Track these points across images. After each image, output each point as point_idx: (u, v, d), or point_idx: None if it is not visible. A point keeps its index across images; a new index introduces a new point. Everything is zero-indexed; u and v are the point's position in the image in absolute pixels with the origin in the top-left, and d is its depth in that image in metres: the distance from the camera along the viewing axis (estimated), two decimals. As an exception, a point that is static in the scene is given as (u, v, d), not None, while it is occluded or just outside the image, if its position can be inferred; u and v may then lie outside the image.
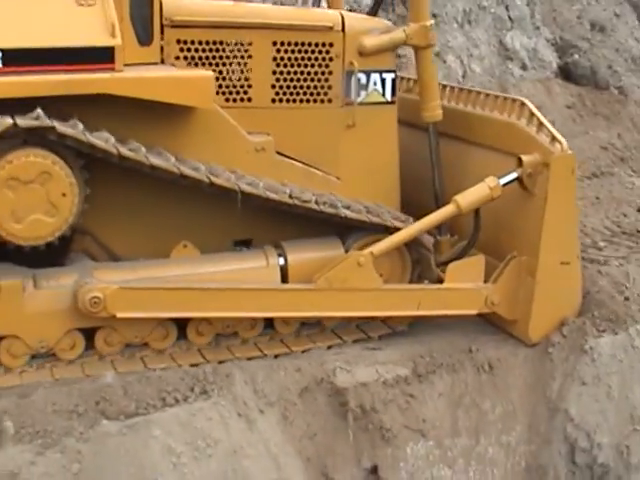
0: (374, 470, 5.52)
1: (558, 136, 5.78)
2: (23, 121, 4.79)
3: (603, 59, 11.49)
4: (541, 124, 5.89)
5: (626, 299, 6.28)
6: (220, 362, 5.57)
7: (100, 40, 5.19)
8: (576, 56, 11.44)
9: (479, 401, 5.81)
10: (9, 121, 4.76)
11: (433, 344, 6.01)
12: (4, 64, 4.97)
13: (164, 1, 5.71)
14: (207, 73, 5.57)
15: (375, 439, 5.50)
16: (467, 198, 5.82)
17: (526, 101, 6.14)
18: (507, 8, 11.20)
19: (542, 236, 5.74)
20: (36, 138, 4.96)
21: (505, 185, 5.82)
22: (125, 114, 5.27)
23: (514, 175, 5.84)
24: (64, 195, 5.01)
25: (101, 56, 5.17)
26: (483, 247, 6.11)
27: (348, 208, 5.78)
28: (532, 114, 5.99)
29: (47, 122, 4.85)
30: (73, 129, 4.96)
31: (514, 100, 6.27)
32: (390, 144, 6.41)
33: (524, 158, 5.79)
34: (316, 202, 5.67)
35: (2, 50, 4.97)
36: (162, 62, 5.73)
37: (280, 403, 5.32)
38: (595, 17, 12.00)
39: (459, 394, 5.78)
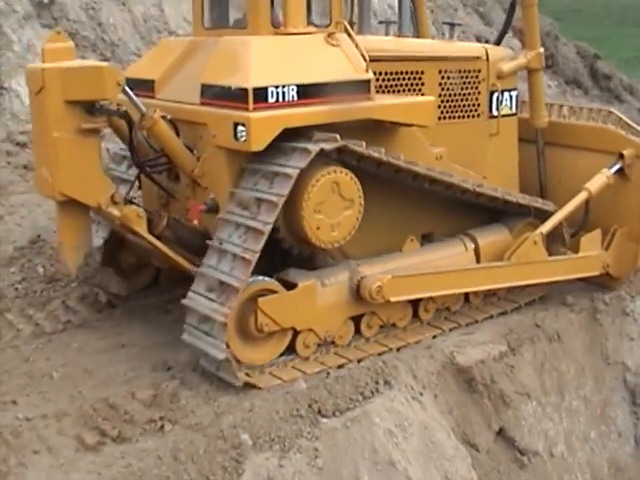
0: (500, 431, 6.51)
1: None
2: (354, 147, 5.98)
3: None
4: (629, 126, 7.60)
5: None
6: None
7: (359, 75, 6.25)
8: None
9: (557, 365, 6.95)
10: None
11: (508, 324, 7.11)
12: (300, 97, 5.91)
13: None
14: (430, 98, 6.73)
15: (498, 405, 6.49)
16: (594, 185, 7.42)
17: (613, 109, 7.87)
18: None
19: None
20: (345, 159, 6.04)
21: (614, 174, 7.47)
22: (359, 133, 6.18)
23: (618, 166, 7.52)
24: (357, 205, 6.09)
25: (361, 87, 6.25)
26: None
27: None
28: (620, 119, 7.68)
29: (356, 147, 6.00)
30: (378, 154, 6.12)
31: (601, 110, 8.00)
32: (515, 146, 7.92)
33: (625, 153, 7.48)
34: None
35: (299, 85, 5.91)
36: None
37: (430, 385, 6.19)
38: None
39: (541, 361, 6.90)
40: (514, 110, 7.89)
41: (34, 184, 6.58)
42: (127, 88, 5.93)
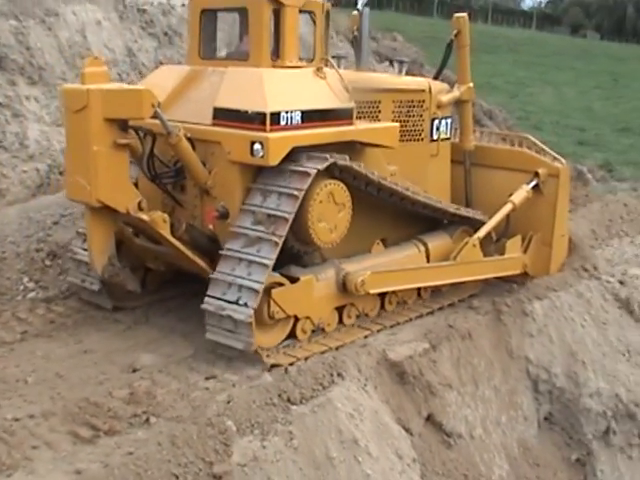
0: (429, 417, 7.42)
1: (558, 156, 9.11)
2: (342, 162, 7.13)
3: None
4: (542, 149, 9.15)
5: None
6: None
7: (345, 103, 7.39)
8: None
9: (470, 359, 7.94)
10: (344, 162, 7.14)
11: (425, 325, 8.08)
12: (303, 121, 6.97)
13: None
14: (396, 124, 7.91)
15: (426, 394, 7.39)
16: (517, 198, 8.93)
17: (528, 135, 9.48)
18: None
19: (556, 219, 9.04)
20: (336, 173, 7.18)
21: (531, 189, 9.01)
22: (335, 152, 7.17)
23: (535, 182, 9.05)
24: (347, 212, 7.28)
25: (346, 114, 7.38)
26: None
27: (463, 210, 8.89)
28: (534, 143, 9.24)
29: (349, 163, 7.17)
30: (359, 168, 7.25)
31: (518, 135, 9.69)
32: (449, 165, 9.28)
33: (540, 171, 8.99)
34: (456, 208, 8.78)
35: (302, 111, 6.97)
36: None
37: (371, 377, 7.03)
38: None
39: (457, 356, 7.88)
40: (449, 135, 9.29)
41: (66, 191, 7.12)
42: (158, 109, 6.66)
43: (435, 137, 9.06)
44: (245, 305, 6.65)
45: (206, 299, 6.88)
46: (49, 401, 6.39)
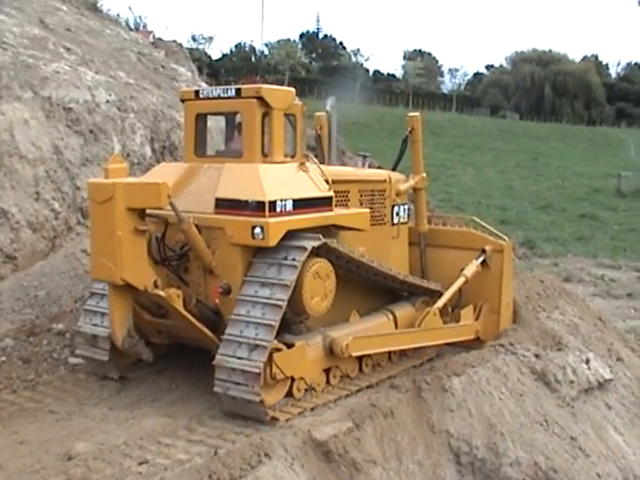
0: (355, 493, 7.74)
1: (500, 234, 10.36)
2: (332, 244, 8.28)
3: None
4: (486, 228, 10.39)
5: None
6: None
7: (325, 193, 8.48)
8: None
9: (393, 436, 8.31)
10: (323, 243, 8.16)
11: (348, 405, 8.45)
12: (294, 208, 8.12)
13: None
14: (366, 210, 9.05)
15: (352, 471, 7.72)
16: (469, 272, 10.09)
17: (474, 218, 10.81)
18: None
19: (502, 289, 10.30)
20: (322, 252, 8.24)
21: (480, 264, 10.23)
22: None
23: (482, 258, 10.24)
24: (332, 286, 8.37)
25: (325, 202, 8.47)
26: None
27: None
28: (479, 223, 10.46)
29: (335, 245, 8.32)
30: (344, 249, 8.47)
31: (464, 217, 10.97)
32: (406, 246, 10.42)
33: (487, 248, 10.21)
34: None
35: (293, 200, 8.01)
36: None
37: (298, 457, 7.36)
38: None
39: (380, 433, 8.25)
40: (406, 219, 10.44)
41: (92, 271, 7.78)
42: (172, 200, 7.48)
43: (395, 221, 10.23)
44: (254, 360, 7.60)
45: (217, 357, 7.77)
46: (-14, 491, 6.59)
